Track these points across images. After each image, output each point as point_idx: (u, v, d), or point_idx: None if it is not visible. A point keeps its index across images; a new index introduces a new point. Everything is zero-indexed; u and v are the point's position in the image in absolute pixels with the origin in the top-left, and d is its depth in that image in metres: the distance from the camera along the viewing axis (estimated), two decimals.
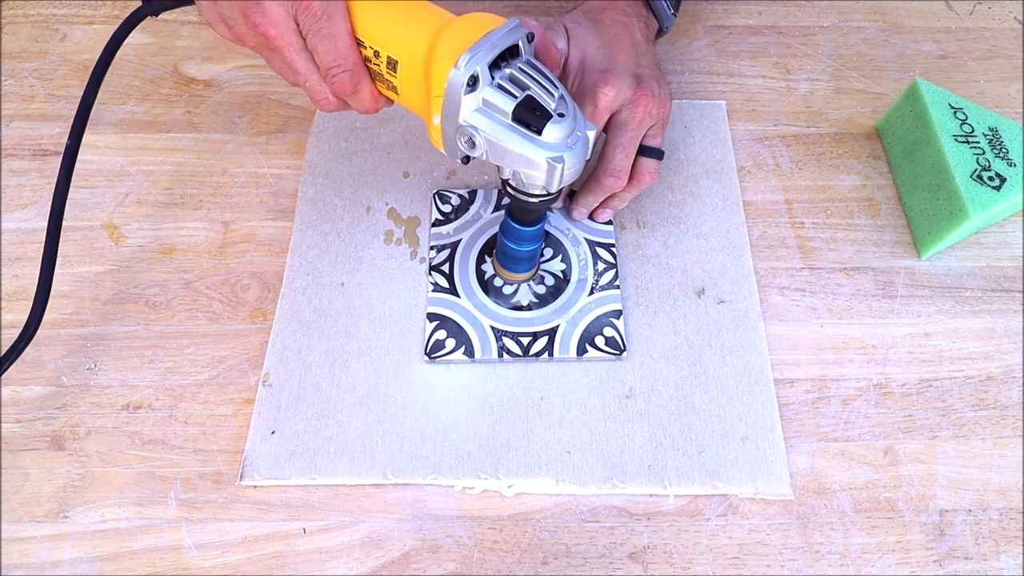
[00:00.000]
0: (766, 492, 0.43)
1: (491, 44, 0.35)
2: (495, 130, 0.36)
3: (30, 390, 0.46)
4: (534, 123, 0.36)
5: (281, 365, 0.47)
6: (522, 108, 0.36)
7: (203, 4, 0.39)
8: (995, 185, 0.48)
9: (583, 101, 0.47)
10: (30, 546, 0.41)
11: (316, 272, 0.50)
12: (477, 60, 0.35)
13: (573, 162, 0.37)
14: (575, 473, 0.44)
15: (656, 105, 0.48)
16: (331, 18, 0.36)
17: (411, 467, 0.44)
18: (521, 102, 0.36)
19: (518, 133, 0.36)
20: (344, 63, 0.38)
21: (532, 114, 0.36)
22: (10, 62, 0.61)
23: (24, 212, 0.53)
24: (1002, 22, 0.65)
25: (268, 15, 0.37)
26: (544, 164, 0.36)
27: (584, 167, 0.39)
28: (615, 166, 0.47)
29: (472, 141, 0.37)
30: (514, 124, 0.36)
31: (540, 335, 0.47)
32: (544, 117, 0.36)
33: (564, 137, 0.36)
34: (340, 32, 0.37)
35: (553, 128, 0.36)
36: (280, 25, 0.37)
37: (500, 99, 0.36)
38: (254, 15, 0.37)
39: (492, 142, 0.37)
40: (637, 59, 0.49)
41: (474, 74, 0.35)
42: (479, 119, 0.36)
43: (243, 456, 0.44)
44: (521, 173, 0.38)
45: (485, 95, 0.36)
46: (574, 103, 0.37)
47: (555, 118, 0.36)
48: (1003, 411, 0.46)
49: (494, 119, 0.36)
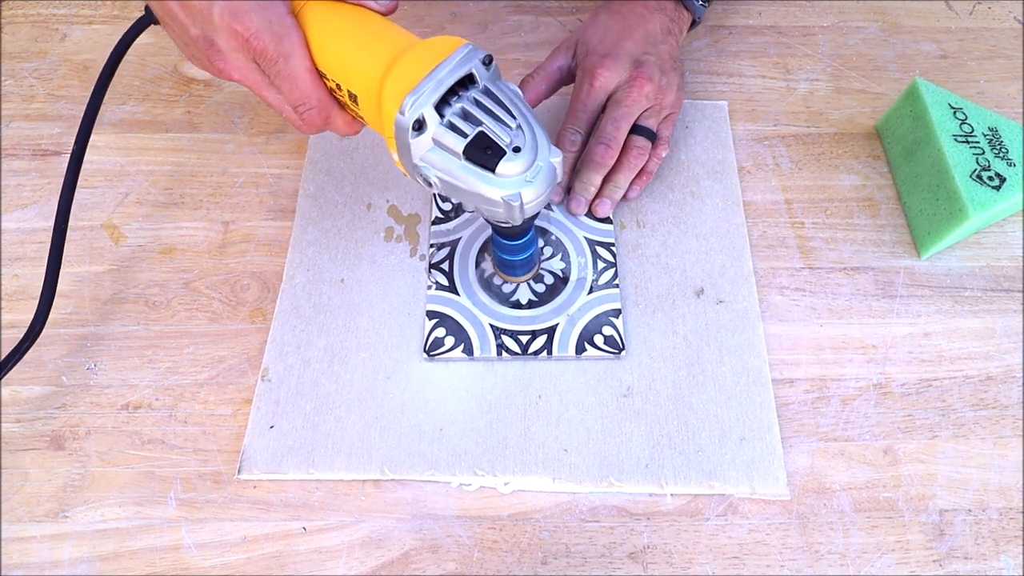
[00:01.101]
0: (763, 492, 0.43)
1: (437, 82, 0.34)
2: (448, 169, 0.35)
3: (30, 390, 0.46)
4: (487, 162, 0.35)
5: (280, 360, 0.47)
6: (473, 147, 0.34)
7: (177, 44, 0.40)
8: (995, 185, 0.48)
9: (582, 81, 0.51)
10: (30, 546, 0.41)
11: (316, 268, 0.51)
12: (421, 103, 0.33)
13: (533, 195, 0.36)
14: (572, 471, 0.44)
15: (654, 90, 0.51)
16: (287, 59, 0.36)
17: (408, 463, 0.44)
18: (472, 140, 0.34)
19: (471, 172, 0.35)
20: (308, 101, 0.38)
21: (483, 153, 0.34)
22: (10, 62, 0.61)
23: (24, 212, 0.53)
24: (1002, 22, 0.65)
25: (229, 61, 0.37)
26: (500, 201, 0.35)
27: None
28: (605, 135, 0.50)
29: (428, 180, 0.36)
30: (466, 163, 0.35)
31: (539, 333, 0.47)
32: (497, 155, 0.34)
33: (522, 171, 0.35)
34: (299, 72, 0.37)
35: (508, 164, 0.35)
36: (242, 69, 0.38)
37: (450, 139, 0.35)
38: (216, 61, 0.38)
39: (445, 181, 0.36)
40: (644, 47, 0.52)
41: (419, 118, 0.34)
42: (432, 158, 0.35)
43: (241, 451, 0.44)
44: (481, 208, 0.37)
45: (435, 135, 0.35)
46: (538, 130, 0.36)
47: (509, 154, 0.34)
48: (1003, 411, 0.46)
49: (447, 159, 0.35)
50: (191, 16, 0.36)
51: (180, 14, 0.37)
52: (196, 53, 0.39)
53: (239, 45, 0.36)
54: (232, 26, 0.35)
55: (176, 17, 0.37)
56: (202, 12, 0.36)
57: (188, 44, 0.38)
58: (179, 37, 0.39)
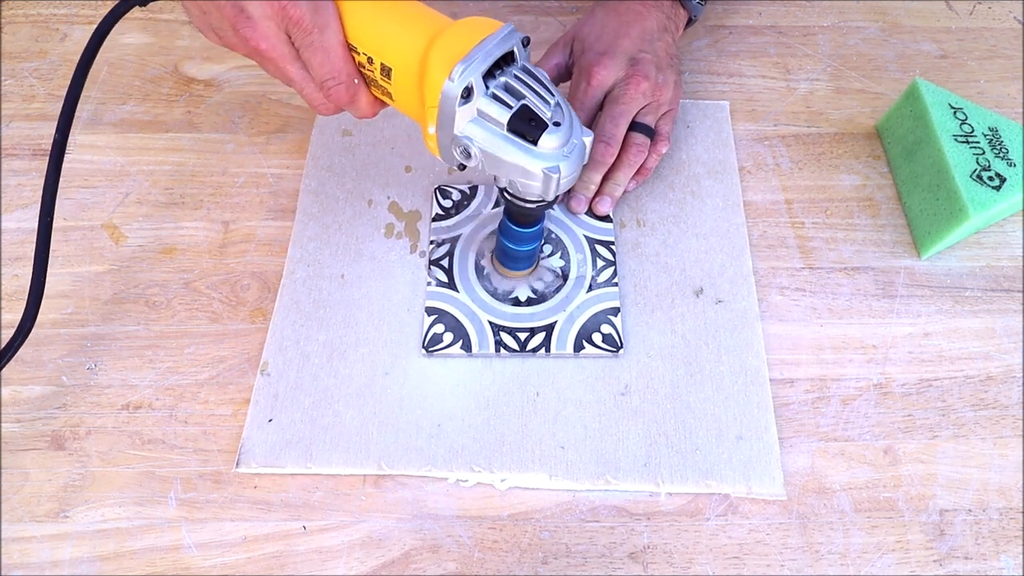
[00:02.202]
0: (759, 492, 0.43)
1: (485, 53, 0.34)
2: (490, 141, 0.36)
3: (30, 390, 0.46)
4: (530, 133, 0.35)
5: (280, 355, 0.47)
6: (517, 119, 0.35)
7: (192, 12, 0.38)
8: (995, 185, 0.48)
9: (579, 79, 0.51)
10: (30, 546, 0.41)
11: (316, 264, 0.51)
12: (471, 71, 0.34)
13: (569, 170, 0.36)
14: (569, 468, 0.44)
15: (651, 87, 0.51)
16: (323, 31, 0.36)
17: (406, 459, 0.44)
18: (516, 112, 0.35)
19: (513, 144, 0.35)
20: (338, 76, 0.37)
21: (528, 124, 0.35)
22: (10, 62, 0.61)
23: (24, 212, 0.53)
24: (1002, 22, 0.65)
25: (258, 29, 0.36)
26: (540, 174, 0.36)
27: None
28: (604, 133, 0.50)
29: (467, 152, 0.36)
30: (509, 135, 0.35)
31: (538, 331, 0.48)
32: (540, 127, 0.35)
33: (560, 146, 0.36)
34: (332, 44, 0.36)
35: (549, 138, 0.35)
36: (271, 38, 0.36)
37: (495, 110, 0.35)
38: (244, 29, 0.36)
39: (488, 153, 0.36)
40: (641, 45, 0.52)
41: (468, 86, 0.34)
42: (474, 130, 0.36)
43: (240, 444, 0.44)
44: (517, 182, 0.37)
45: (480, 106, 0.35)
46: (570, 109, 0.37)
47: (551, 127, 0.35)
48: (1003, 411, 0.46)
49: (489, 130, 0.36)
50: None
51: None
52: (218, 21, 0.37)
53: (273, 12, 0.35)
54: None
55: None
56: None
57: (209, 12, 0.37)
58: (200, 5, 0.37)
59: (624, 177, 0.51)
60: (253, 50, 0.37)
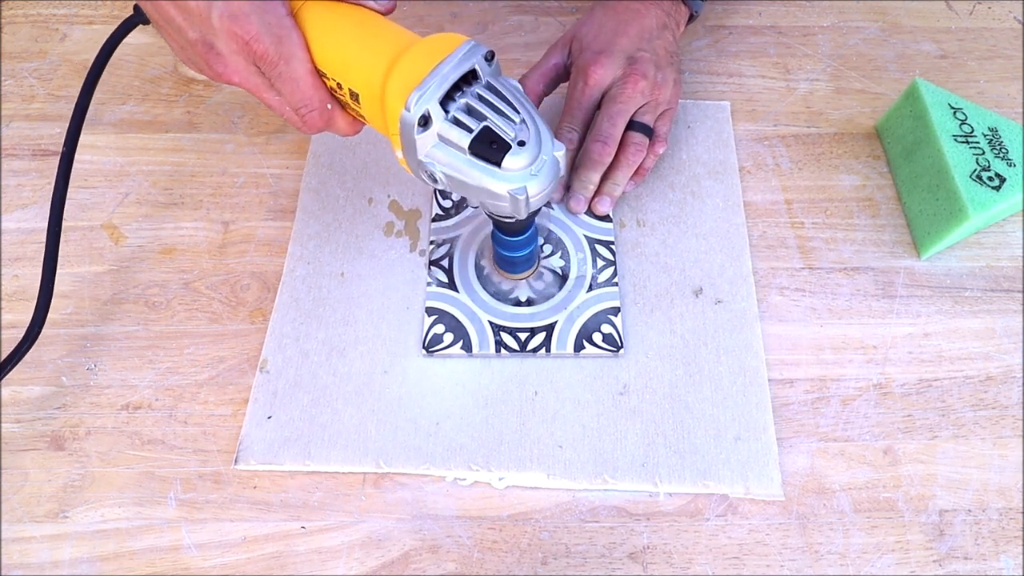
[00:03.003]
0: (757, 492, 0.43)
1: (441, 78, 0.34)
2: (453, 165, 0.35)
3: (30, 390, 0.46)
4: (492, 156, 0.35)
5: (279, 352, 0.47)
6: (479, 142, 0.35)
7: (173, 47, 0.39)
8: (995, 185, 0.48)
9: (577, 79, 0.51)
10: (30, 546, 0.41)
11: (316, 261, 0.51)
12: (426, 99, 0.33)
13: (539, 188, 0.36)
14: (566, 468, 0.44)
15: (649, 86, 0.51)
16: (288, 62, 0.36)
17: (404, 457, 0.44)
18: (477, 135, 0.35)
19: (476, 167, 0.35)
20: (310, 103, 0.38)
21: (489, 147, 0.35)
22: (10, 62, 0.61)
23: (24, 212, 0.53)
24: (1002, 22, 0.65)
25: (229, 64, 0.37)
26: (507, 195, 0.35)
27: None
28: (602, 133, 0.50)
29: (433, 176, 0.36)
30: (472, 158, 0.35)
31: (538, 331, 0.48)
32: (502, 148, 0.35)
33: (526, 165, 0.35)
34: (300, 74, 0.36)
35: (513, 158, 0.35)
36: (242, 71, 0.37)
37: (455, 134, 0.35)
38: (216, 65, 0.37)
39: (451, 177, 0.36)
40: (639, 43, 0.52)
41: (424, 114, 0.34)
42: (437, 154, 0.35)
43: (238, 441, 0.44)
44: (487, 203, 0.37)
45: (440, 131, 0.35)
46: (539, 124, 0.36)
47: (514, 148, 0.35)
48: (1003, 411, 0.46)
49: (452, 154, 0.35)
50: (189, 19, 0.36)
51: (177, 17, 0.36)
52: (193, 57, 0.38)
53: (239, 48, 0.36)
54: (232, 29, 0.35)
55: (173, 20, 0.36)
56: (200, 15, 0.35)
57: (185, 48, 0.38)
58: (175, 40, 0.38)
59: (623, 177, 0.51)
60: (229, 83, 0.38)
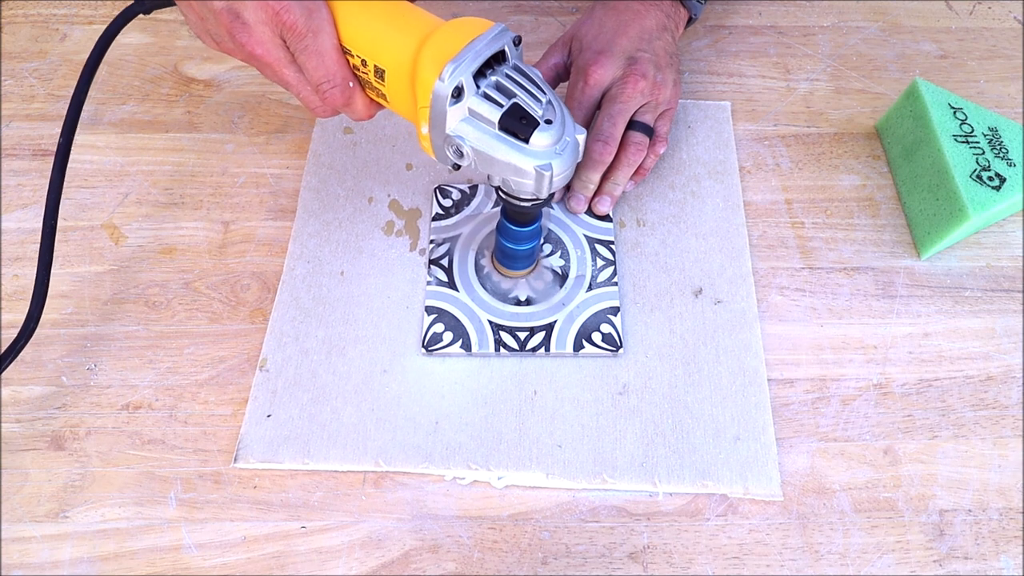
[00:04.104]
0: (756, 493, 0.43)
1: (475, 53, 0.35)
2: (482, 140, 0.36)
3: (30, 390, 0.46)
4: (521, 131, 0.35)
5: (279, 351, 0.47)
6: (508, 117, 0.35)
7: (190, 18, 0.38)
8: (995, 185, 0.48)
9: (576, 79, 0.51)
10: (30, 546, 0.41)
11: (317, 260, 0.51)
12: (461, 71, 0.34)
13: (562, 168, 0.37)
14: (565, 467, 0.44)
15: (649, 86, 0.51)
16: (316, 35, 0.36)
17: (403, 455, 0.44)
18: (507, 111, 0.35)
19: (505, 142, 0.36)
20: (333, 79, 0.38)
21: (518, 122, 0.35)
22: (10, 62, 0.61)
23: (24, 212, 0.53)
24: (1002, 22, 0.65)
25: (254, 35, 0.36)
26: (532, 172, 0.36)
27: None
28: (602, 132, 0.50)
29: (460, 151, 0.37)
30: (501, 133, 0.36)
31: (537, 330, 0.48)
32: (531, 125, 0.35)
33: (552, 144, 0.36)
34: (326, 48, 0.36)
35: (540, 135, 0.35)
36: (267, 43, 0.37)
37: (486, 108, 0.35)
38: (240, 35, 0.36)
39: (479, 151, 0.36)
40: (639, 44, 0.52)
41: (459, 85, 0.34)
42: (466, 129, 0.36)
43: (238, 439, 0.44)
44: (510, 180, 0.38)
45: (471, 105, 0.36)
46: (563, 107, 0.37)
47: (542, 125, 0.35)
48: (1003, 411, 0.46)
49: (481, 128, 0.36)
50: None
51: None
52: (215, 27, 0.37)
53: (268, 18, 0.36)
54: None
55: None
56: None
57: (206, 17, 0.37)
58: (196, 11, 0.37)
59: (623, 176, 0.51)
60: (249, 55, 0.37)
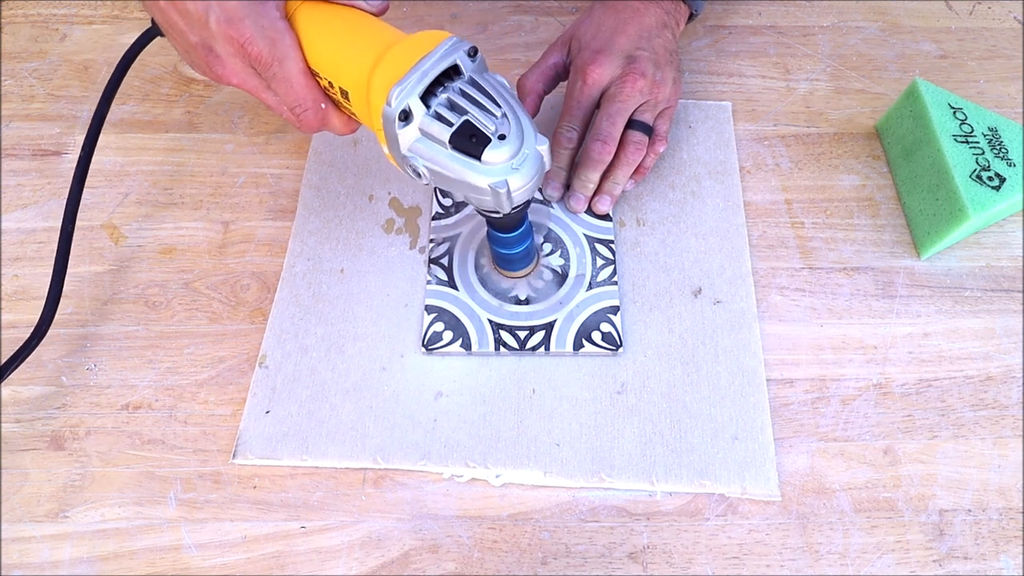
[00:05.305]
0: (754, 492, 0.43)
1: (422, 73, 0.34)
2: (435, 159, 0.36)
3: (30, 390, 0.46)
4: (472, 149, 0.35)
5: (278, 347, 0.47)
6: (458, 136, 0.35)
7: (179, 51, 0.41)
8: (995, 185, 0.48)
9: (575, 78, 0.51)
10: (30, 546, 0.41)
11: (317, 258, 0.51)
12: (406, 93, 0.34)
13: (521, 182, 0.36)
14: (563, 466, 0.44)
15: (648, 85, 0.51)
16: (282, 63, 0.37)
17: (401, 452, 0.44)
18: (457, 129, 0.35)
19: (457, 161, 0.35)
20: (303, 103, 0.39)
21: (468, 140, 0.35)
22: (10, 62, 0.61)
23: (24, 212, 0.53)
24: (1002, 22, 0.65)
25: (227, 67, 0.39)
26: (488, 189, 0.36)
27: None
28: (601, 132, 0.50)
29: (416, 171, 0.37)
30: (453, 152, 0.35)
31: (537, 329, 0.48)
32: (482, 142, 0.35)
33: (507, 159, 0.35)
34: (293, 74, 0.38)
35: (493, 152, 0.35)
36: (240, 73, 0.39)
37: (436, 128, 0.35)
38: (216, 67, 0.39)
39: (433, 171, 0.36)
40: (638, 42, 0.52)
41: (405, 108, 0.34)
42: (420, 148, 0.36)
43: (237, 435, 0.44)
44: (471, 197, 0.37)
45: (422, 125, 0.35)
46: (522, 118, 0.36)
47: (494, 141, 0.35)
48: (1003, 411, 0.46)
49: (433, 148, 0.36)
50: (189, 23, 0.37)
51: (179, 21, 0.38)
52: (196, 59, 0.40)
53: (235, 51, 0.37)
54: (228, 32, 0.37)
55: (175, 25, 0.38)
56: (199, 19, 0.37)
57: (188, 51, 0.39)
58: (179, 44, 0.40)
59: (623, 176, 0.51)
60: (228, 83, 0.40)
